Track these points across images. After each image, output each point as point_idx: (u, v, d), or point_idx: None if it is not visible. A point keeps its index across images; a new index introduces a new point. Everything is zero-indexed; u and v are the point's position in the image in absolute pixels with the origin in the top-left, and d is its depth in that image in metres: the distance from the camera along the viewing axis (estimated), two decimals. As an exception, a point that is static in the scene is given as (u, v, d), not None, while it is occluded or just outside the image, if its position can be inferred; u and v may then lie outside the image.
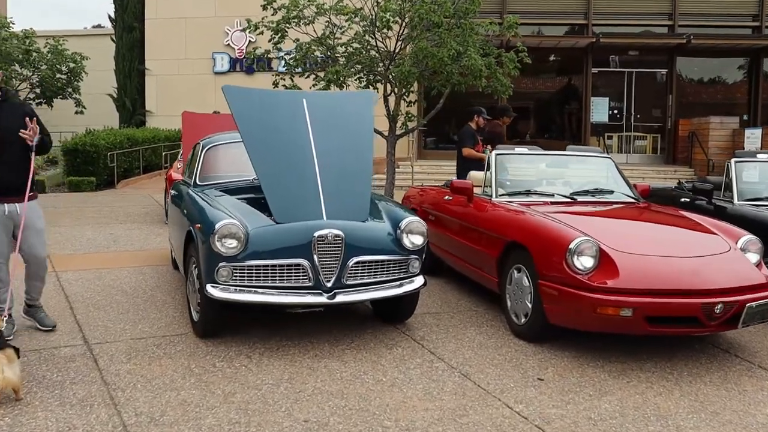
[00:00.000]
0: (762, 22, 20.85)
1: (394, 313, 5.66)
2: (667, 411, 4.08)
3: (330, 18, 11.12)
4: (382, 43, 10.81)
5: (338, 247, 4.94)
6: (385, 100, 10.90)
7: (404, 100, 11.09)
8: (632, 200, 6.31)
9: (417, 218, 5.33)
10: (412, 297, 5.49)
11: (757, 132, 16.83)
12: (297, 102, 5.58)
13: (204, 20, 22.27)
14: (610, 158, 6.82)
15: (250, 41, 20.84)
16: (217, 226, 4.82)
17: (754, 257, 5.18)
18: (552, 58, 22.10)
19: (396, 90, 10.86)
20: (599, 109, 20.90)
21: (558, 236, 4.94)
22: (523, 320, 5.27)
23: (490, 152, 9.68)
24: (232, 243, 4.83)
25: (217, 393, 4.18)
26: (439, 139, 21.44)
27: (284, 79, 11.79)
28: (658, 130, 21.17)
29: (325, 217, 5.05)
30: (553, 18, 21.21)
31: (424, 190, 8.04)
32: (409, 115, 10.93)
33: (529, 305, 5.15)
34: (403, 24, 10.04)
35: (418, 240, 5.25)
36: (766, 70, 21.24)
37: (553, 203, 5.98)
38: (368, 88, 11.14)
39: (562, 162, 6.85)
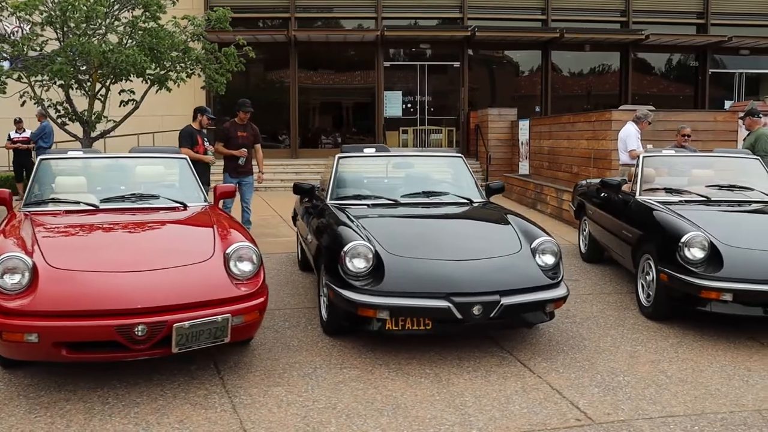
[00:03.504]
0: (548, 15, 21.27)
1: None
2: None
3: (18, 15, 10.33)
4: (65, 39, 10.12)
5: None
6: (69, 101, 10.22)
7: (99, 99, 10.44)
8: (176, 205, 5.72)
9: None
10: None
11: (526, 123, 17.01)
12: None
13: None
14: (185, 158, 6.33)
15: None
16: None
17: (246, 266, 4.75)
18: (342, 52, 21.89)
19: (83, 88, 10.21)
20: (393, 103, 20.80)
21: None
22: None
23: (214, 152, 9.26)
24: None
25: None
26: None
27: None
28: (453, 123, 21.28)
29: None
30: (344, 12, 20.97)
31: None
32: (97, 116, 10.26)
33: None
34: (59, 18, 9.38)
35: None
36: (554, 62, 21.72)
37: (68, 212, 5.42)
38: (71, 89, 10.43)
39: (119, 166, 6.32)
